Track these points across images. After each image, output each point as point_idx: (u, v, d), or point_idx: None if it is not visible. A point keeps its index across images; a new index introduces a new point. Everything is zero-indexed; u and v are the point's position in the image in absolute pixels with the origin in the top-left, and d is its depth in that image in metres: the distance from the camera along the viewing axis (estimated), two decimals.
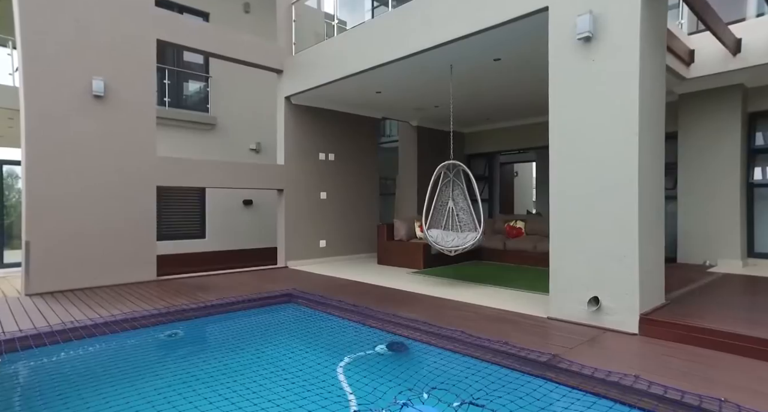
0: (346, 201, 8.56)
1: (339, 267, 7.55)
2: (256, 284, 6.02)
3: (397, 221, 7.72)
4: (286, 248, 7.61)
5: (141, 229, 6.05)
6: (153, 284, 5.92)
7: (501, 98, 7.74)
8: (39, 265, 5.26)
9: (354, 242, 8.70)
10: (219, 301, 4.85)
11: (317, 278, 6.52)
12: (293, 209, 7.71)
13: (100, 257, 5.69)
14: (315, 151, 8.07)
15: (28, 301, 4.91)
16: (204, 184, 6.66)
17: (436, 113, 9.12)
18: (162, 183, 6.26)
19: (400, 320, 4.01)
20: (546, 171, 14.57)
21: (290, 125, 7.71)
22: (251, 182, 7.20)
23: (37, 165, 5.26)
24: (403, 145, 10.14)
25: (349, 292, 5.43)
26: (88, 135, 5.61)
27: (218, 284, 5.94)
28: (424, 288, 5.59)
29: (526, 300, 4.82)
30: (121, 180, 5.87)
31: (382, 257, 7.83)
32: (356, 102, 8.11)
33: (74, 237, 5.50)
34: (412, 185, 9.92)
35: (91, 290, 5.47)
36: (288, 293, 5.32)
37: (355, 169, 8.74)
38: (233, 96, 10.34)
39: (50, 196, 5.35)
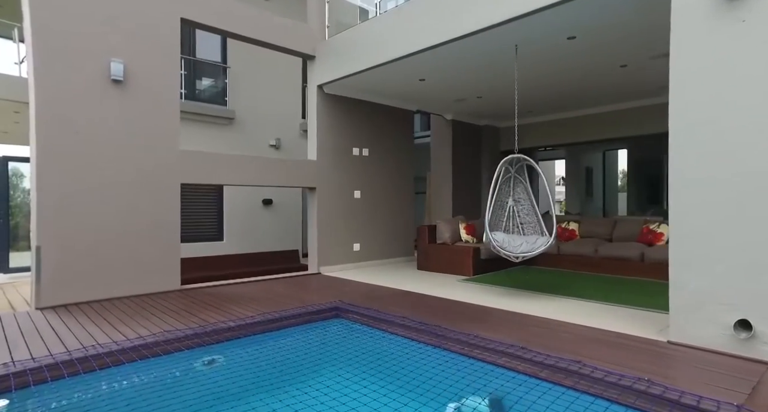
0: (381, 200, 7.87)
1: (377, 273, 6.86)
2: (292, 294, 5.34)
3: (441, 223, 7.02)
4: (319, 252, 6.92)
5: (164, 232, 5.37)
6: (177, 295, 5.24)
7: (560, 85, 7.01)
8: (51, 274, 4.59)
9: (389, 245, 8.00)
10: (260, 317, 4.16)
11: (357, 286, 5.83)
12: (326, 210, 7.02)
13: (119, 264, 5.02)
14: (348, 146, 7.38)
15: (39, 316, 4.23)
16: (231, 182, 5.98)
17: (472, 106, 8.42)
18: (186, 180, 5.57)
19: (488, 343, 3.31)
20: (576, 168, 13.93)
21: (323, 117, 7.02)
22: (282, 180, 6.51)
23: (49, 160, 4.59)
24: (437, 140, 9.44)
25: (401, 303, 4.73)
26: (105, 125, 4.93)
27: (250, 295, 5.25)
28: (487, 299, 4.89)
29: (622, 317, 4.12)
30: (141, 177, 5.19)
31: (423, 262, 7.13)
32: (394, 92, 7.41)
33: (90, 241, 4.83)
34: (446, 184, 9.22)
35: (110, 303, 4.79)
36: (335, 306, 4.63)
37: (390, 166, 8.05)
38: (252, 89, 9.66)
39: (63, 195, 4.67)
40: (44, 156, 4.57)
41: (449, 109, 8.76)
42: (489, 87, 7.03)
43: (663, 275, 5.66)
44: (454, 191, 9.17)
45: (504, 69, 6.06)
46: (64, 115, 4.68)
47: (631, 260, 6.09)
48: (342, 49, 6.50)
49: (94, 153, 4.86)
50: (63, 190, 4.67)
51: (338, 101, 7.22)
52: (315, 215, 6.91)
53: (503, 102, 8.00)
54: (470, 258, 6.44)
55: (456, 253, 6.66)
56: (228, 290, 5.60)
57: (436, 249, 6.95)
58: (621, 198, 16.09)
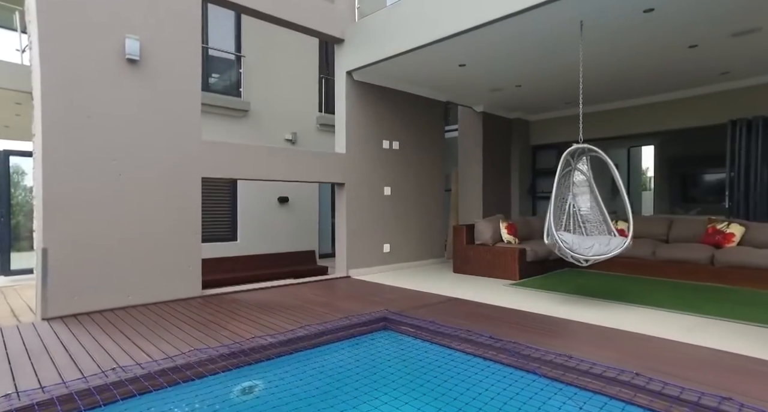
0: (412, 198, 7.30)
1: (411, 277, 6.30)
2: (327, 301, 4.78)
3: (481, 222, 6.45)
4: (348, 253, 6.36)
5: (183, 232, 4.80)
6: (199, 302, 4.68)
7: (609, 72, 6.43)
8: (59, 279, 4.03)
9: (420, 246, 7.44)
10: (302, 331, 3.59)
11: (395, 292, 5.27)
12: (355, 208, 6.45)
13: (134, 268, 4.45)
14: (378, 139, 6.81)
15: (46, 329, 3.66)
16: (256, 176, 5.41)
17: (506, 97, 7.85)
18: (208, 174, 5.01)
19: (588, 365, 2.74)
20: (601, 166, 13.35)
21: (352, 106, 6.45)
22: (309, 174, 5.94)
23: (57, 151, 4.02)
24: (465, 134, 8.87)
25: (453, 313, 4.17)
26: (119, 112, 4.37)
27: (281, 302, 4.69)
28: (550, 308, 4.32)
29: (721, 331, 3.55)
30: (160, 170, 4.62)
31: (460, 265, 6.57)
32: (427, 80, 6.83)
33: (102, 243, 4.26)
34: (476, 180, 8.64)
35: (125, 312, 4.23)
36: (383, 317, 4.06)
37: (421, 161, 7.47)
38: (268, 80, 9.09)
39: (73, 191, 4.11)
40: (51, 147, 4.00)
41: (480, 100, 8.18)
42: (533, 74, 6.45)
43: (740, 281, 5.16)
44: (485, 188, 8.59)
45: (556, 52, 5.49)
46: (73, 100, 4.11)
47: (698, 263, 5.52)
48: (374, 31, 5.93)
49: (107, 143, 4.29)
50: (72, 186, 4.10)
51: (368, 89, 6.64)
52: (344, 214, 6.35)
53: (543, 91, 7.43)
54: (516, 261, 5.87)
55: (498, 255, 6.09)
56: (254, 296, 5.03)
57: (476, 251, 6.39)
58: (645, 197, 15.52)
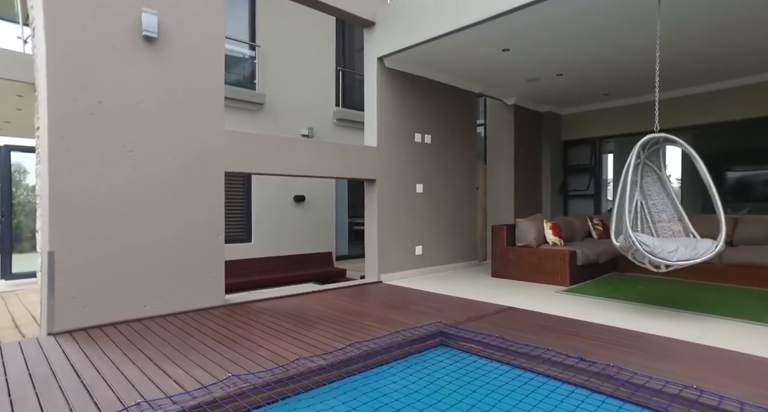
0: (444, 196, 6.77)
1: (448, 282, 5.77)
2: (365, 310, 4.25)
3: (524, 222, 5.91)
4: (380, 256, 5.83)
5: (205, 232, 4.28)
6: (224, 313, 4.15)
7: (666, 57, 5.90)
8: (68, 287, 3.50)
9: (453, 248, 6.91)
10: (351, 349, 3.06)
11: (438, 299, 4.74)
12: (387, 206, 5.93)
13: (151, 273, 3.93)
14: (410, 131, 6.28)
15: (53, 347, 3.14)
16: (284, 171, 4.89)
17: (541, 88, 7.32)
18: (232, 168, 4.49)
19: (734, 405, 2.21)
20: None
21: (384, 95, 5.92)
22: (340, 169, 5.41)
23: (64, 141, 3.50)
24: (495, 128, 8.33)
25: (515, 325, 3.64)
26: (134, 96, 3.85)
27: (316, 313, 4.16)
28: (624, 319, 3.79)
29: None
30: (179, 164, 4.10)
31: (500, 268, 6.04)
32: (463, 67, 6.29)
33: (115, 246, 3.74)
34: (507, 178, 8.11)
35: (143, 325, 3.70)
36: (440, 331, 3.53)
37: (453, 156, 6.94)
38: (283, 72, 8.58)
39: (82, 187, 3.59)
40: (58, 136, 3.48)
41: (513, 92, 7.65)
42: (580, 60, 5.91)
43: None
44: (516, 186, 8.06)
45: (616, 33, 4.96)
46: (83, 83, 3.58)
47: None
48: (410, 12, 5.40)
49: (121, 132, 3.77)
50: (82, 180, 3.58)
51: (399, 77, 6.12)
52: (375, 213, 5.82)
53: (585, 81, 6.89)
54: (567, 265, 5.34)
55: (545, 258, 5.56)
56: (282, 304, 4.51)
57: (517, 253, 5.85)
58: None
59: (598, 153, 8.65)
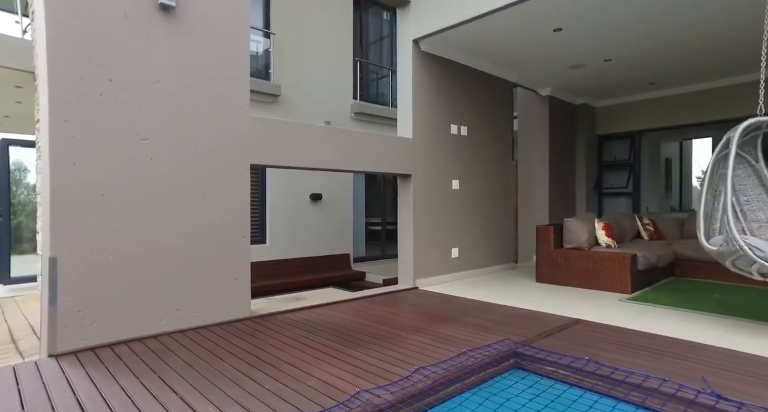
0: (480, 193, 6.21)
1: (491, 288, 5.22)
2: (414, 323, 3.70)
3: (574, 222, 5.35)
4: (415, 259, 5.27)
5: (229, 234, 3.74)
6: (251, 327, 3.60)
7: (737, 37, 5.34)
8: (72, 299, 2.96)
9: (489, 250, 6.35)
10: (421, 379, 2.50)
11: (491, 310, 4.18)
12: (422, 204, 5.37)
13: (169, 283, 3.38)
14: (446, 122, 5.72)
15: (55, 374, 2.58)
16: (315, 164, 4.33)
17: (580, 77, 6.77)
18: (258, 160, 3.93)
19: None
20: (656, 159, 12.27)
21: (420, 81, 5.36)
22: (375, 163, 4.85)
23: (68, 128, 2.95)
24: (527, 121, 7.77)
25: (590, 342, 3.08)
26: (148, 75, 3.30)
27: (357, 327, 3.61)
28: (723, 336, 3.24)
29: None
30: (199, 154, 3.55)
31: (546, 273, 5.48)
32: (503, 52, 5.73)
33: (128, 251, 3.19)
34: (541, 175, 7.55)
35: (160, 343, 3.15)
36: (513, 351, 2.98)
37: (490, 150, 6.38)
38: (299, 61, 8.03)
39: (88, 183, 3.04)
40: (61, 123, 2.93)
41: (549, 81, 7.09)
42: (638, 43, 5.35)
43: None
44: (551, 182, 7.50)
45: (687, 12, 4.41)
46: (89, 60, 3.03)
47: None
48: None
49: (135, 118, 3.22)
50: (89, 174, 3.03)
51: (435, 63, 5.56)
52: (410, 212, 5.26)
53: (633, 68, 6.31)
54: (628, 270, 4.78)
55: (602, 262, 5.00)
56: (316, 316, 3.96)
57: (568, 256, 5.29)
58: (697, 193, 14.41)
59: (637, 148, 8.08)
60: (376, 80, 9.93)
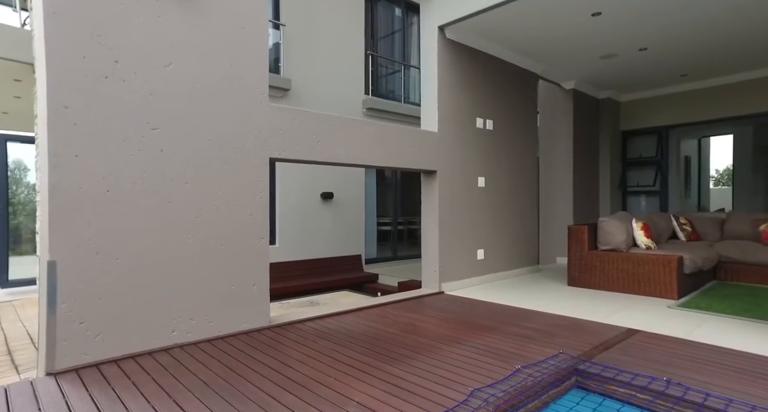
0: (506, 191, 5.86)
1: (522, 292, 4.87)
2: (450, 333, 3.34)
3: (609, 221, 4.99)
4: (441, 262, 4.92)
5: (247, 236, 3.39)
6: (272, 338, 3.25)
7: None
8: (74, 309, 2.61)
9: (514, 251, 6.00)
10: (480, 404, 2.15)
11: (529, 317, 3.83)
12: (448, 203, 5.02)
13: (181, 289, 3.04)
14: (471, 115, 5.37)
15: (53, 398, 2.23)
16: (338, 159, 3.98)
17: (609, 68, 6.43)
18: (279, 154, 3.59)
19: None
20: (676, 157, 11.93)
21: (444, 71, 5.01)
22: (401, 158, 4.49)
23: (69, 116, 2.61)
24: (550, 116, 7.42)
25: (652, 356, 2.73)
26: (160, 58, 2.95)
27: (389, 337, 3.26)
28: None
29: None
30: (215, 146, 3.21)
31: (579, 276, 5.12)
32: (531, 40, 5.37)
33: (136, 254, 2.85)
34: (564, 172, 7.20)
35: (172, 358, 2.80)
36: (572, 367, 2.63)
37: (516, 146, 6.02)
38: (310, 54, 7.70)
39: (92, 177, 2.70)
40: (61, 106, 2.58)
41: (575, 73, 6.74)
42: (680, 30, 5.00)
43: None
44: (576, 180, 7.15)
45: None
46: (92, 36, 2.69)
47: None
48: None
49: (144, 104, 2.88)
50: (92, 168, 2.69)
51: (460, 52, 5.20)
52: (435, 211, 4.91)
53: (671, 58, 5.95)
54: (674, 273, 4.42)
55: (643, 264, 4.64)
56: (340, 324, 3.61)
57: (604, 259, 4.93)
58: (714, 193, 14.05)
59: (665, 144, 7.72)
60: (387, 76, 9.58)
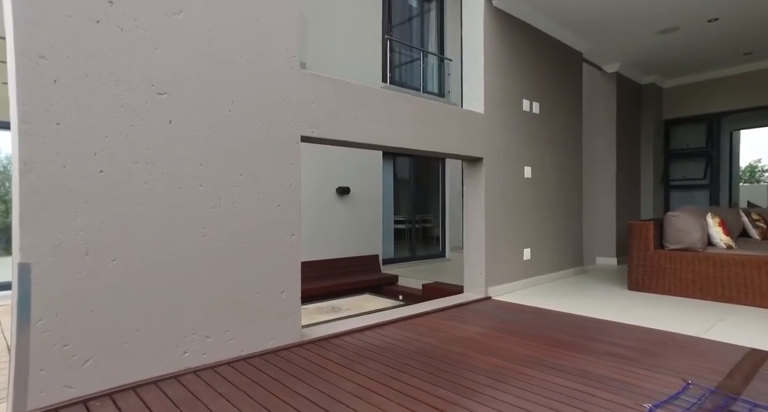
0: (552, 183, 5.21)
1: (578, 297, 4.23)
2: (529, 352, 2.70)
3: (682, 217, 4.34)
4: (487, 263, 4.28)
5: (274, 232, 2.74)
6: (308, 358, 2.61)
7: None
8: (55, 327, 1.97)
9: (560, 250, 5.36)
10: None
11: (611, 330, 3.19)
12: (494, 196, 4.38)
13: (193, 299, 2.39)
14: (518, 96, 4.72)
15: None
16: (378, 140, 3.33)
17: (654, 50, 5.82)
18: (311, 131, 2.94)
19: None
20: None
21: (491, 44, 4.37)
22: (441, 142, 3.84)
23: (45, 68, 1.97)
24: (589, 102, 6.77)
25: None
26: (167, 5, 2.31)
27: (446, 356, 2.61)
28: None
29: None
30: (235, 120, 2.56)
31: (644, 279, 4.48)
32: (585, 12, 4.72)
33: (136, 255, 2.21)
34: (607, 163, 6.56)
35: (183, 388, 2.16)
36: (728, 409, 1.99)
37: (562, 132, 5.38)
38: (325, 36, 7.06)
39: (79, 157, 2.05)
40: (36, 55, 1.94)
41: (623, 53, 6.09)
42: None
43: None
44: (619, 172, 6.51)
45: None
46: None
47: None
48: None
49: (147, 62, 2.24)
50: (78, 140, 2.05)
51: (507, 23, 4.56)
52: (482, 204, 4.26)
53: (741, 30, 5.27)
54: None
55: (728, 267, 3.99)
56: (384, 339, 2.96)
57: (676, 260, 4.29)
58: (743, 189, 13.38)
59: (716, 133, 7.07)
60: (406, 64, 8.93)
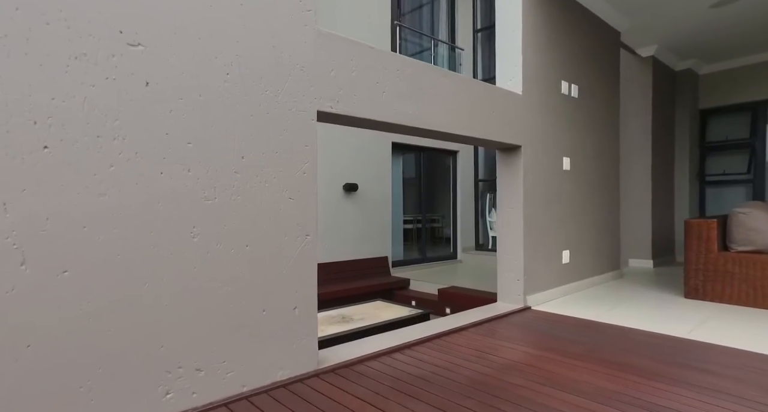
0: (591, 177, 4.64)
1: (628, 307, 3.66)
2: (579, 376, 2.13)
3: (752, 214, 3.76)
4: (526, 267, 3.70)
5: (284, 232, 2.17)
6: (327, 393, 2.04)
7: None
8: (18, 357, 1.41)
9: (598, 253, 4.78)
10: None
11: (687, 350, 2.62)
12: (532, 190, 3.81)
13: (178, 319, 1.82)
14: (556, 77, 4.15)
15: None
16: (408, 121, 2.74)
17: (701, 28, 5.24)
18: (330, 106, 2.36)
19: None
20: None
21: (530, 18, 3.79)
22: (473, 126, 3.26)
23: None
24: (622, 89, 6.20)
25: None
26: None
27: (505, 387, 2.05)
28: None
29: None
30: (234, 88, 1.99)
31: (703, 286, 3.90)
32: None
33: (97, 265, 1.63)
34: (642, 155, 5.99)
35: None
36: None
37: (601, 119, 4.81)
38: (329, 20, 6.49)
39: (12, 131, 1.48)
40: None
41: (662, 34, 5.51)
42: None
43: None
44: (654, 163, 5.95)
45: None
46: None
47: None
48: None
49: (114, 7, 1.66)
50: (12, 113, 1.48)
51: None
52: (520, 200, 3.68)
53: None
54: None
55: None
56: (418, 363, 2.39)
57: (746, 263, 3.71)
58: None
59: (762, 123, 6.50)
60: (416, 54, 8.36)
